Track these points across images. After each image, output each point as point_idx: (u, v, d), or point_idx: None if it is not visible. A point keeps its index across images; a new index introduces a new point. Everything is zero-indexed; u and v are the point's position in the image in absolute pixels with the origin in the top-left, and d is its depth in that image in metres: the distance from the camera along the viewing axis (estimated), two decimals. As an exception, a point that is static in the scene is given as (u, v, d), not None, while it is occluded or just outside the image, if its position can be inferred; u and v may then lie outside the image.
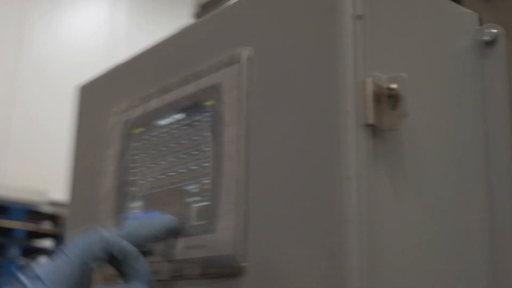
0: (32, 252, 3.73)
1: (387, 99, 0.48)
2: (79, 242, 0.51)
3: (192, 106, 0.60)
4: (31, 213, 3.71)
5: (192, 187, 0.58)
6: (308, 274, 0.46)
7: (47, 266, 0.49)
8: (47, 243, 3.85)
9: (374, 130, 0.47)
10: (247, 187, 0.53)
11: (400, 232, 0.48)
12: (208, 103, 0.58)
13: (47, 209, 3.92)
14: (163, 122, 0.63)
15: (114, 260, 0.52)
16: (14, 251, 3.56)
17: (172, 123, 0.62)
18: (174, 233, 0.57)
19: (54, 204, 4.29)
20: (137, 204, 0.64)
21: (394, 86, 0.48)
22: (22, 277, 0.49)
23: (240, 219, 0.52)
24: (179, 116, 0.61)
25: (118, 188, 0.67)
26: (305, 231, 0.47)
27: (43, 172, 4.56)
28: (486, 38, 0.59)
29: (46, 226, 3.76)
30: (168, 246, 0.58)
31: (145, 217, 0.57)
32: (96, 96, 0.77)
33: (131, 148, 0.67)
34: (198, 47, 0.62)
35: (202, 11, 0.88)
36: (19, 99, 4.68)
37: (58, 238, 3.77)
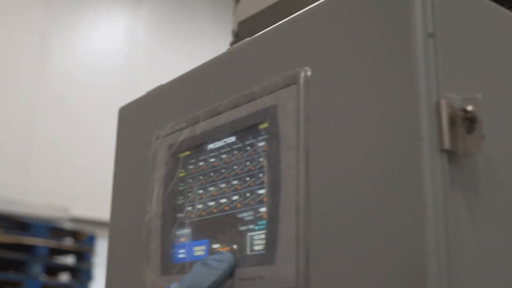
0: (54, 269, 3.72)
1: (462, 122, 0.45)
2: None
3: (244, 129, 0.57)
4: (53, 229, 3.70)
5: (245, 215, 0.55)
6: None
7: None
8: (69, 259, 3.84)
9: (450, 155, 0.44)
10: (308, 215, 0.50)
11: (479, 262, 0.44)
12: (263, 126, 0.55)
13: (68, 225, 3.91)
14: (212, 145, 0.61)
15: None
16: (36, 268, 3.55)
17: (222, 147, 0.59)
18: (232, 271, 0.54)
19: (75, 220, 4.28)
20: (185, 231, 0.61)
21: (469, 108, 0.45)
22: None
23: (301, 249, 0.49)
24: (230, 139, 0.59)
25: (164, 213, 0.64)
26: (376, 264, 0.44)
27: (64, 189, 4.57)
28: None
29: (68, 242, 3.75)
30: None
31: (201, 265, 0.53)
32: (137, 118, 0.75)
33: (177, 172, 0.64)
34: (250, 67, 0.59)
35: (242, 27, 0.86)
36: (41, 117, 4.70)
37: (79, 254, 3.76)
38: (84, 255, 3.76)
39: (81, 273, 3.72)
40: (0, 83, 4.60)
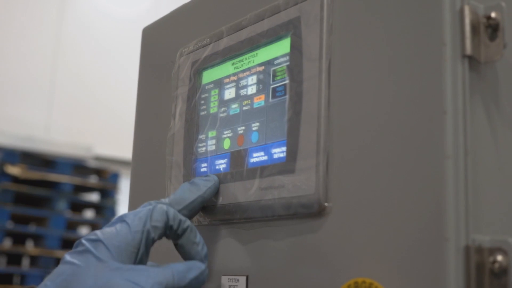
0: (78, 206, 3.81)
1: (485, 29, 0.45)
2: (141, 213, 0.51)
3: (267, 43, 0.57)
4: (77, 167, 3.77)
5: (268, 124, 0.56)
6: (398, 212, 0.44)
7: (109, 232, 0.49)
8: (93, 197, 3.92)
9: (471, 62, 0.44)
10: (328, 125, 0.50)
11: (496, 168, 0.45)
12: (286, 38, 0.55)
13: (93, 163, 3.97)
14: (234, 60, 0.61)
15: (173, 234, 0.53)
16: (61, 204, 3.63)
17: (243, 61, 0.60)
18: (217, 190, 0.59)
19: (99, 159, 4.35)
20: (207, 146, 0.63)
21: (493, 15, 0.45)
22: (84, 241, 0.49)
23: (321, 158, 0.50)
24: (252, 53, 0.59)
25: (187, 129, 0.65)
26: (395, 167, 0.45)
27: (88, 127, 4.62)
28: None
29: (92, 180, 3.82)
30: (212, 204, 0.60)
31: (188, 184, 0.58)
32: (161, 38, 0.75)
33: (200, 88, 0.65)
34: (274, -19, 0.59)
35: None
36: (64, 55, 4.72)
37: (104, 192, 3.83)
38: (108, 192, 3.83)
39: (105, 210, 3.81)
40: (23, 21, 4.61)
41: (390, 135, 0.45)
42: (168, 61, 0.70)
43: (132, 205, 0.74)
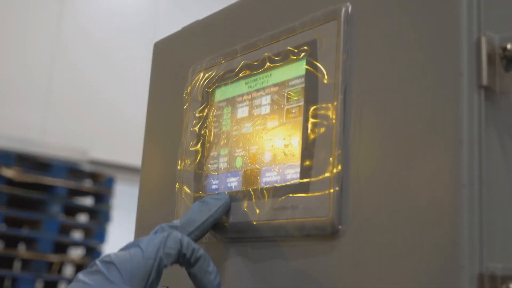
0: (73, 210, 3.80)
1: (501, 60, 0.46)
2: (155, 240, 0.52)
3: (282, 64, 0.58)
4: (72, 171, 3.76)
5: (282, 144, 0.57)
6: (413, 238, 0.45)
7: (122, 256, 0.50)
8: (87, 201, 3.91)
9: (487, 92, 0.45)
10: (343, 148, 0.51)
11: (510, 197, 0.46)
12: (301, 61, 0.56)
13: (88, 167, 3.96)
14: (248, 80, 0.62)
15: (186, 262, 0.53)
16: (55, 208, 3.62)
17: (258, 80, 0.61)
18: (228, 208, 0.60)
19: (94, 162, 4.34)
20: (219, 164, 0.63)
21: (509, 46, 0.45)
22: (98, 262, 0.50)
23: (335, 180, 0.51)
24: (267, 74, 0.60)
25: (199, 145, 0.66)
26: (410, 193, 0.45)
27: (84, 131, 4.61)
28: None
29: (87, 184, 3.82)
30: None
31: (199, 203, 0.58)
32: (173, 54, 0.76)
33: (213, 105, 0.65)
34: (290, 2, 0.60)
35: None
36: (62, 57, 4.72)
37: (98, 196, 3.82)
38: (102, 196, 3.83)
39: (99, 214, 3.80)
40: (22, 24, 4.61)
41: (407, 160, 0.46)
42: (180, 77, 0.71)
43: (140, 221, 0.75)
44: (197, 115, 0.67)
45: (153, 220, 0.73)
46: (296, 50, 0.57)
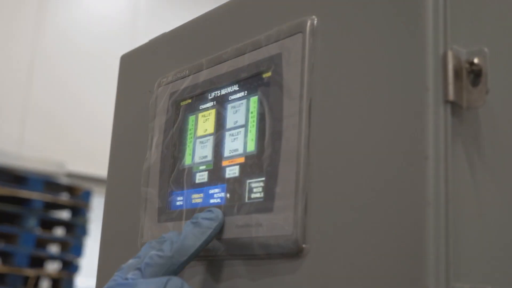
0: (49, 223, 3.75)
1: (468, 75, 0.45)
2: (152, 284, 0.49)
3: (247, 78, 0.57)
4: (49, 184, 3.71)
5: (245, 163, 0.55)
6: (376, 258, 0.43)
7: None
8: (64, 214, 3.86)
9: (454, 107, 0.44)
10: (308, 164, 0.50)
11: (477, 215, 0.45)
12: (266, 75, 0.55)
13: (65, 180, 3.92)
14: (214, 94, 0.60)
15: None
16: (31, 221, 3.57)
17: (224, 95, 0.59)
18: (222, 228, 0.55)
19: (71, 175, 4.29)
20: (183, 179, 0.62)
21: (476, 61, 0.44)
22: None
23: (299, 198, 0.49)
24: (232, 88, 0.58)
25: (163, 161, 0.64)
26: (374, 211, 0.44)
27: (61, 144, 4.57)
28: None
29: (64, 197, 3.77)
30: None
31: (191, 224, 0.53)
32: (139, 66, 0.74)
33: (178, 120, 0.64)
34: (255, 16, 0.59)
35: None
36: (39, 71, 4.67)
37: (75, 209, 3.78)
38: (79, 210, 3.77)
39: (76, 228, 3.75)
40: (-1, 35, 4.56)
41: (370, 178, 0.45)
42: (146, 90, 0.69)
43: (105, 237, 0.73)
44: (162, 129, 0.65)
45: (119, 235, 0.71)
46: (261, 64, 0.55)
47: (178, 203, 0.61)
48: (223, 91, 0.59)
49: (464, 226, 0.43)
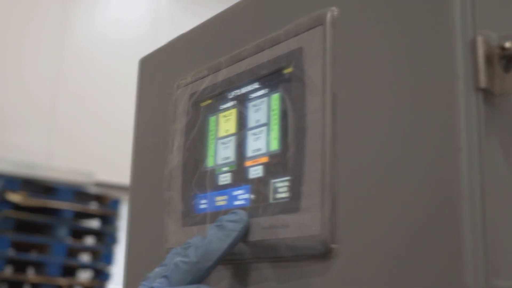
0: (79, 232, 3.77)
1: (499, 60, 0.42)
2: None
3: (268, 75, 0.55)
4: (78, 194, 3.74)
5: (269, 162, 0.53)
6: (409, 256, 0.41)
7: None
8: (94, 223, 3.88)
9: (486, 95, 0.41)
10: (334, 161, 0.48)
11: (515, 209, 0.42)
12: (287, 70, 0.53)
13: (93, 190, 3.94)
14: (234, 93, 0.59)
15: None
16: (62, 231, 3.60)
17: (245, 94, 0.57)
18: (247, 230, 0.53)
19: (100, 185, 4.32)
20: (206, 182, 0.60)
21: (507, 45, 0.42)
22: None
23: (326, 197, 0.47)
24: (253, 86, 0.57)
25: (186, 164, 0.62)
26: (406, 208, 0.42)
27: (89, 154, 4.60)
28: None
29: (93, 206, 3.79)
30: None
31: (216, 228, 0.51)
32: (158, 69, 0.73)
33: (198, 122, 0.62)
34: (274, 10, 0.57)
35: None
36: (65, 81, 4.72)
37: (104, 218, 3.80)
38: (108, 218, 3.79)
39: (106, 236, 3.77)
40: (24, 48, 4.61)
41: (400, 173, 0.43)
42: (166, 93, 0.68)
43: (131, 243, 0.71)
44: (183, 131, 0.64)
45: (144, 242, 0.69)
46: (281, 59, 0.53)
47: (201, 206, 0.60)
48: (244, 90, 0.58)
49: (502, 220, 0.41)
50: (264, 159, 0.54)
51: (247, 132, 0.56)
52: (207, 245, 0.50)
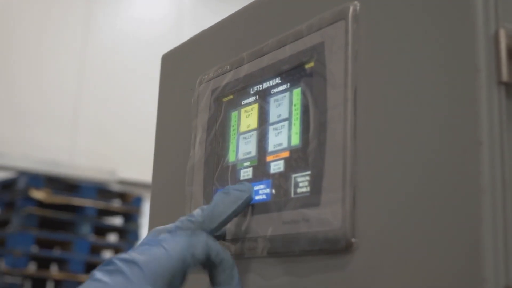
0: (102, 230, 3.81)
1: (522, 54, 0.42)
2: (181, 241, 0.49)
3: (290, 70, 0.55)
4: (101, 191, 3.77)
5: (290, 157, 0.54)
6: (429, 251, 0.41)
7: (144, 255, 0.47)
8: (117, 220, 3.92)
9: (508, 89, 0.41)
10: (355, 155, 0.48)
11: (538, 205, 0.42)
12: (309, 65, 0.53)
13: (116, 187, 3.97)
14: (256, 88, 0.59)
15: (210, 264, 0.50)
16: (85, 228, 3.64)
17: (266, 89, 0.58)
18: (251, 200, 0.55)
19: (123, 182, 4.36)
20: (228, 177, 0.60)
21: (530, 38, 0.42)
22: (117, 261, 0.46)
23: (347, 191, 0.47)
24: (275, 81, 0.57)
25: (207, 159, 0.63)
26: (427, 201, 0.42)
27: (112, 151, 4.64)
28: None
29: (116, 204, 3.82)
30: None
31: (222, 194, 0.54)
32: (181, 65, 0.74)
33: (220, 117, 0.63)
34: (295, 5, 0.57)
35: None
36: (88, 80, 4.76)
37: (127, 215, 3.83)
38: (131, 216, 3.83)
39: (129, 233, 3.80)
40: (47, 47, 4.66)
41: (421, 167, 0.43)
42: (188, 89, 0.69)
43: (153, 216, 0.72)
44: (205, 127, 0.64)
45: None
46: (303, 54, 0.54)
47: (223, 201, 0.60)
48: (265, 85, 0.58)
49: (523, 215, 0.41)
50: (285, 154, 0.54)
51: (269, 127, 0.57)
52: (213, 207, 0.52)
